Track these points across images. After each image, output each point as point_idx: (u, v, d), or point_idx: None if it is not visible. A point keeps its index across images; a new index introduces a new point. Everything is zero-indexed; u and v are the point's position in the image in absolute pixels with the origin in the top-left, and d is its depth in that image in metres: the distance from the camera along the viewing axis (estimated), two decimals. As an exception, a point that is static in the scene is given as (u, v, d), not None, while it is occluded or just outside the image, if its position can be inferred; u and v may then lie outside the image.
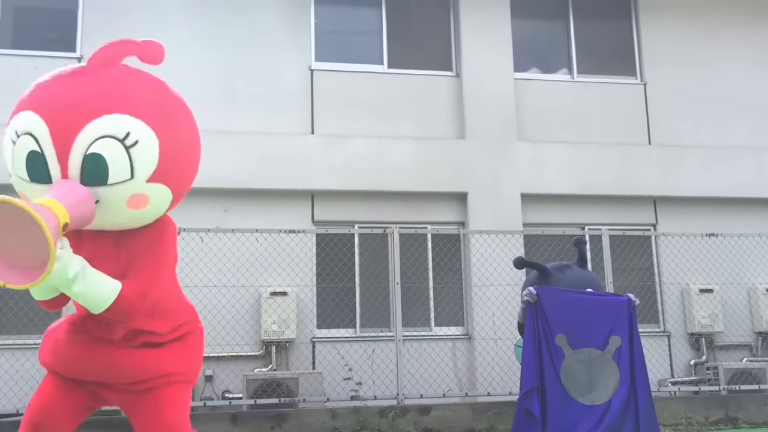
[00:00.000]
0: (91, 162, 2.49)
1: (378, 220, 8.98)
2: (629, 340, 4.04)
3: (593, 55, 10.40)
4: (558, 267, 4.30)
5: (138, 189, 2.58)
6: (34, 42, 8.92)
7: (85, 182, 2.50)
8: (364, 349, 8.38)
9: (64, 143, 2.49)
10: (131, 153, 2.52)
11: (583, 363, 3.93)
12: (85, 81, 2.60)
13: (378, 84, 9.53)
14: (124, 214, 2.63)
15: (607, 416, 3.90)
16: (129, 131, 2.52)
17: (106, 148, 2.49)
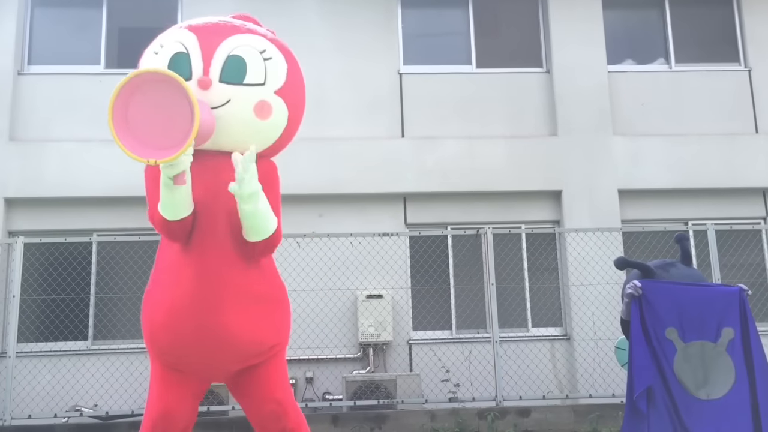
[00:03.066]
0: (234, 62, 2.85)
1: (471, 221, 8.94)
2: (742, 332, 3.85)
3: (692, 43, 9.97)
4: (661, 265, 4.15)
5: (266, 96, 2.89)
6: (137, 60, 9.37)
7: (224, 79, 2.82)
8: (460, 350, 8.35)
9: (210, 46, 2.85)
10: (266, 64, 2.92)
11: (696, 356, 3.77)
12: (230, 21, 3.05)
13: (467, 84, 9.49)
14: (248, 120, 2.87)
15: (725, 411, 3.73)
16: (266, 48, 2.96)
17: (248, 53, 2.88)
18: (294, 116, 3.03)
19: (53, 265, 8.23)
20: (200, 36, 2.88)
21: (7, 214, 8.62)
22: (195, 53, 2.84)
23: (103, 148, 8.71)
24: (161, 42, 2.95)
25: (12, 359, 7.16)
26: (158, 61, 2.87)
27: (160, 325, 2.87)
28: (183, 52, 2.85)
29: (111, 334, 8.37)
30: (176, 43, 2.89)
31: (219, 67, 2.83)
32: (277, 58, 2.96)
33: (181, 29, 2.96)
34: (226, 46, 2.87)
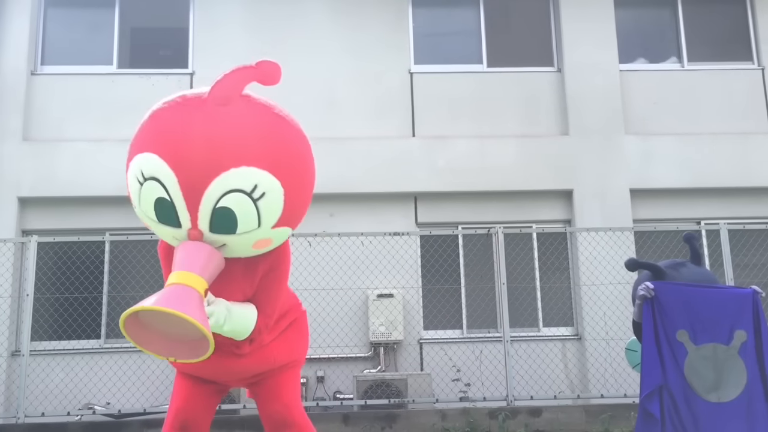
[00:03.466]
0: (221, 215, 2.55)
1: (482, 220, 8.93)
2: (755, 335, 3.82)
3: (705, 42, 9.91)
4: (672, 265, 4.12)
5: (264, 235, 2.69)
6: (149, 60, 9.45)
7: (214, 231, 2.59)
8: (471, 350, 8.34)
9: (193, 196, 2.53)
10: (258, 205, 2.57)
11: (708, 359, 3.75)
12: (208, 125, 2.54)
13: (478, 83, 9.47)
14: (247, 253, 2.78)
15: (736, 414, 3.70)
16: (256, 184, 2.54)
17: (236, 202, 2.53)
18: (298, 221, 2.84)
19: (66, 264, 8.29)
20: (180, 178, 2.51)
21: (21, 213, 8.69)
22: (179, 202, 2.54)
23: (116, 147, 8.76)
24: (141, 167, 2.59)
25: (26, 357, 7.22)
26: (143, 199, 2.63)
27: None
28: (165, 199, 2.55)
29: (123, 332, 8.41)
30: (155, 182, 2.55)
31: (207, 220, 2.56)
32: (270, 189, 2.57)
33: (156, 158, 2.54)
34: (211, 195, 2.52)
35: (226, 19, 9.30)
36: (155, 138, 2.60)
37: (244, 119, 2.59)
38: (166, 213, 2.59)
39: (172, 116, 2.61)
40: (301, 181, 2.74)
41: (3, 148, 8.70)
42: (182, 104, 2.63)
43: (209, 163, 2.50)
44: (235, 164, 2.51)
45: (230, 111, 2.57)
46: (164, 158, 2.53)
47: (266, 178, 2.55)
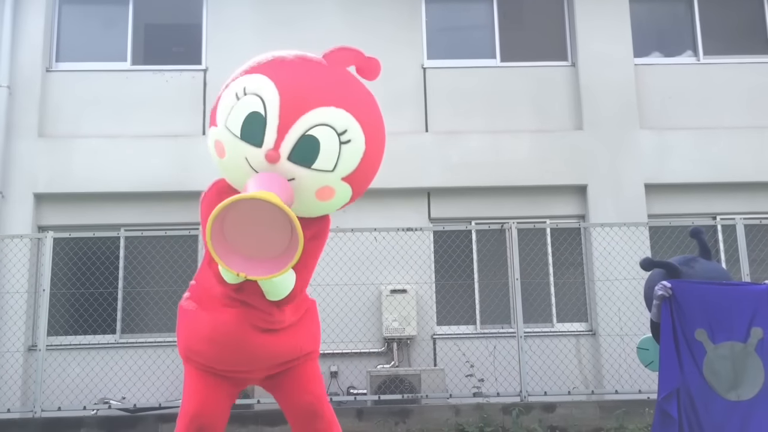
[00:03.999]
0: (307, 143, 2.62)
1: (495, 215, 8.90)
2: None
3: (721, 35, 9.82)
4: (684, 261, 4.10)
5: (332, 182, 2.73)
6: (163, 57, 9.48)
7: (292, 158, 2.63)
8: (485, 345, 8.33)
9: (289, 116, 2.61)
10: (342, 148, 2.68)
11: (726, 357, 3.72)
12: (322, 70, 2.78)
13: (491, 78, 9.44)
14: (307, 202, 2.77)
15: (755, 411, 3.68)
16: (347, 128, 2.68)
17: (324, 135, 2.63)
18: (360, 191, 2.91)
19: (82, 260, 8.36)
20: (283, 98, 2.62)
21: (37, 209, 8.76)
22: (272, 119, 2.61)
23: (131, 143, 8.83)
24: (245, 84, 2.70)
25: (42, 352, 7.29)
26: (234, 112, 2.68)
27: (202, 338, 2.93)
28: (260, 114, 2.62)
29: (139, 327, 8.48)
30: (256, 97, 2.65)
31: (291, 144, 2.61)
32: (356, 139, 2.70)
33: (266, 78, 2.68)
34: (306, 121, 2.61)
35: (239, 16, 9.32)
36: (267, 65, 2.76)
37: (349, 79, 2.87)
38: (253, 128, 2.64)
39: (295, 59, 2.81)
40: (380, 148, 2.91)
41: (19, 145, 8.77)
42: (305, 56, 2.85)
43: (315, 94, 2.67)
44: (338, 104, 2.68)
45: (338, 70, 2.83)
46: (273, 80, 2.67)
47: (357, 128, 2.71)
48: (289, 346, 3.00)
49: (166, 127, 8.94)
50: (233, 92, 2.71)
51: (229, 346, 2.88)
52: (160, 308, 8.49)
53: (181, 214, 8.76)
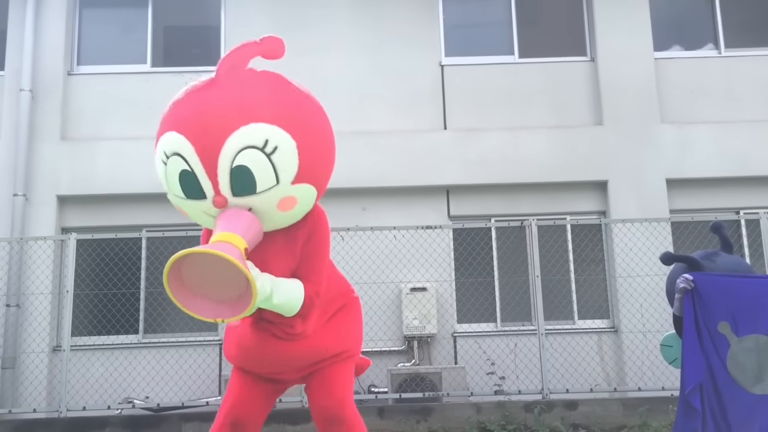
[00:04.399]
0: (239, 174, 2.61)
1: (515, 212, 8.86)
2: None
3: (742, 27, 9.69)
4: (706, 256, 4.06)
5: (285, 192, 2.71)
6: (182, 59, 9.55)
7: (236, 193, 2.65)
8: (506, 343, 8.30)
9: (210, 160, 2.60)
10: (273, 159, 2.63)
11: (751, 351, 3.68)
12: (217, 94, 2.69)
13: (509, 75, 9.39)
14: (276, 218, 2.78)
15: None
16: (267, 139, 2.62)
17: (250, 158, 2.60)
18: (322, 180, 2.88)
19: (104, 261, 8.45)
20: (196, 145, 2.61)
21: (60, 211, 8.86)
22: (199, 170, 2.62)
23: (152, 145, 8.88)
24: (164, 147, 2.73)
25: (66, 353, 7.38)
26: (169, 178, 2.74)
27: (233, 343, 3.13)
28: (188, 171, 2.64)
29: (161, 327, 8.55)
30: (176, 156, 2.66)
31: (227, 183, 2.63)
32: (282, 143, 2.64)
33: (174, 134, 2.68)
34: (226, 154, 2.59)
35: (257, 18, 9.35)
36: (172, 119, 2.74)
37: (250, 83, 2.73)
38: (190, 186, 2.67)
39: (186, 97, 2.76)
40: (314, 136, 2.78)
41: (42, 148, 8.88)
42: (195, 86, 2.77)
43: (219, 124, 2.60)
44: (243, 122, 2.61)
45: (237, 78, 2.71)
46: (181, 132, 2.66)
47: (276, 131, 2.63)
48: (309, 349, 3.02)
49: (185, 129, 8.99)
50: (159, 159, 2.77)
51: (252, 351, 3.02)
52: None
53: (202, 215, 8.84)
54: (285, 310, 2.81)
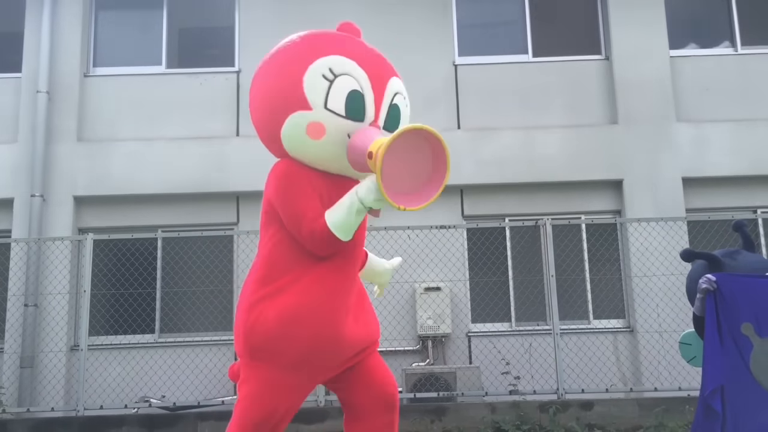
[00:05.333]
0: (393, 112, 2.94)
1: (529, 212, 8.84)
2: None
3: (759, 25, 9.61)
4: (727, 254, 4.00)
5: None
6: (197, 60, 9.61)
7: (385, 127, 2.89)
8: (520, 343, 8.28)
9: (379, 91, 2.88)
10: (406, 111, 3.04)
11: None
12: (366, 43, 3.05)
13: (523, 74, 9.37)
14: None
15: None
16: (406, 93, 3.07)
17: (401, 102, 3.00)
18: None
19: (121, 261, 8.52)
20: (371, 75, 2.86)
21: (77, 211, 8.95)
22: (368, 96, 2.84)
23: (167, 146, 8.96)
24: (329, 65, 2.82)
25: (84, 352, 7.44)
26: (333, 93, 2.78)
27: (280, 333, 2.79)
28: (358, 92, 2.82)
29: (177, 327, 8.61)
30: (349, 77, 2.82)
31: (384, 115, 2.90)
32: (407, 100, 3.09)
33: (346, 59, 2.85)
34: (389, 92, 2.92)
35: (270, 18, 9.38)
36: (333, 46, 2.91)
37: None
38: (355, 106, 2.82)
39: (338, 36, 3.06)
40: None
41: (59, 149, 8.96)
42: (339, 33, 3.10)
43: (387, 65, 3.00)
44: (396, 73, 3.04)
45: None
46: (352, 58, 2.87)
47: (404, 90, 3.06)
48: (367, 333, 3.02)
49: (200, 129, 9.06)
50: (318, 74, 2.80)
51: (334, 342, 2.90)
52: (197, 308, 8.61)
53: (217, 215, 8.89)
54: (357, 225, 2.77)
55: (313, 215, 2.74)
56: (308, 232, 2.73)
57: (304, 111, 2.79)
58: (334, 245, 2.76)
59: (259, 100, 2.98)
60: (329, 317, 2.80)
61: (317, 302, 2.79)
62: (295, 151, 2.88)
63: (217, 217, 8.87)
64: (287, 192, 2.81)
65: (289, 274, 2.81)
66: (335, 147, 2.82)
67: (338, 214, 2.71)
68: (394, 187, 2.57)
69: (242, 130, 9.04)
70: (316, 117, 2.78)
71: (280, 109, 2.83)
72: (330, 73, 2.80)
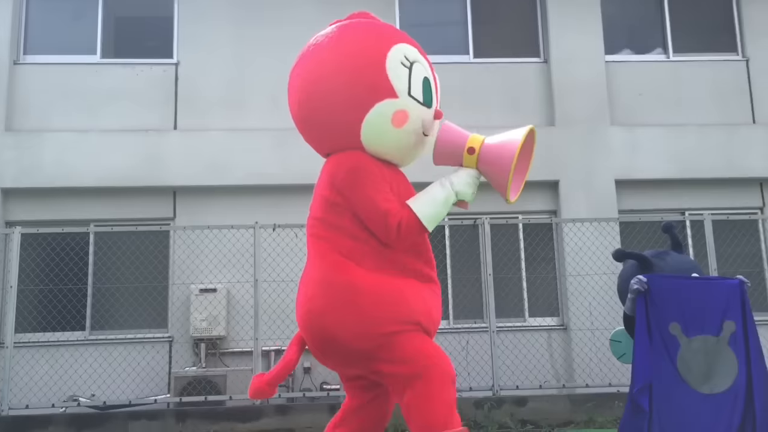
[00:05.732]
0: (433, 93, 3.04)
1: (468, 211, 8.91)
2: (743, 325, 3.83)
3: (690, 32, 9.95)
4: (657, 255, 4.14)
5: None
6: (133, 50, 9.36)
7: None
8: (458, 340, 8.37)
9: (435, 77, 3.00)
10: None
11: (699, 351, 3.76)
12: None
13: (464, 74, 9.45)
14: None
15: (729, 404, 3.72)
16: None
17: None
18: None
19: (50, 256, 8.23)
20: (429, 63, 2.99)
21: (4, 204, 8.61)
22: (432, 85, 2.95)
23: (101, 138, 8.70)
24: (404, 52, 2.88)
25: (10, 349, 7.17)
26: (414, 80, 2.86)
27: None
28: (428, 79, 2.91)
29: (108, 324, 8.38)
30: (420, 65, 2.90)
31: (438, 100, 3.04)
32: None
33: (414, 48, 2.96)
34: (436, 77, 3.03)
35: (210, 10, 9.22)
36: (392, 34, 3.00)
37: None
38: (429, 93, 2.91)
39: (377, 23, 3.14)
40: None
41: (-15, 139, 8.60)
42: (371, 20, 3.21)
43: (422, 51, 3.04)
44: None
45: None
46: (415, 46, 2.97)
47: None
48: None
49: (136, 122, 8.83)
50: (397, 62, 2.81)
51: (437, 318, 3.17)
52: (130, 304, 8.40)
53: (152, 210, 8.68)
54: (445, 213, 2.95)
55: (395, 207, 2.76)
56: (395, 224, 2.73)
57: (391, 99, 2.79)
58: (419, 236, 2.86)
59: (324, 92, 2.88)
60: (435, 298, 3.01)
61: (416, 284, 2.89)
62: (374, 140, 2.83)
63: (153, 212, 8.67)
64: (365, 186, 2.76)
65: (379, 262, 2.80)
66: (412, 135, 2.88)
67: (431, 207, 2.83)
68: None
69: (180, 123, 8.86)
70: (401, 105, 2.81)
71: (363, 98, 2.79)
72: (406, 60, 2.84)
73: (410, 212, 2.76)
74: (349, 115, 2.80)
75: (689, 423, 3.71)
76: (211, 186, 8.65)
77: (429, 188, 2.85)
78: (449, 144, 2.84)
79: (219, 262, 8.23)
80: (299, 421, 6.94)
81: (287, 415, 7.01)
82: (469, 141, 2.84)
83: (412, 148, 2.94)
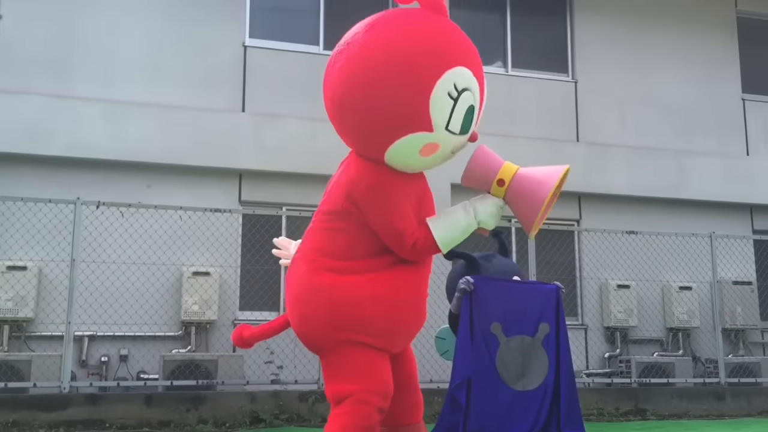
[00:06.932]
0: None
1: (307, 203, 8.84)
2: (556, 327, 4.10)
3: (528, 50, 10.53)
4: (484, 257, 4.34)
5: None
6: None
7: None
8: (286, 333, 8.22)
9: (481, 99, 2.86)
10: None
11: (516, 350, 3.97)
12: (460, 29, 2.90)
13: (313, 65, 9.28)
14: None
15: (537, 401, 3.96)
16: None
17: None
18: None
19: None
20: (480, 84, 2.82)
21: None
22: (477, 108, 2.83)
23: None
24: (455, 81, 2.68)
25: None
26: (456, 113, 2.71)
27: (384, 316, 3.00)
28: (473, 107, 2.77)
29: None
30: (469, 92, 2.74)
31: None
32: None
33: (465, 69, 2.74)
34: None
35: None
36: (454, 51, 2.73)
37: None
38: (468, 122, 2.78)
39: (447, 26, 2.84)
40: None
41: None
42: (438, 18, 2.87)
43: (482, 67, 2.91)
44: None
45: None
46: (468, 66, 2.74)
47: None
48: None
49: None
50: (444, 93, 2.64)
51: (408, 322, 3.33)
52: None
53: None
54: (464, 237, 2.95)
55: (412, 227, 2.79)
56: (410, 243, 2.78)
57: (425, 132, 2.67)
58: (432, 254, 2.93)
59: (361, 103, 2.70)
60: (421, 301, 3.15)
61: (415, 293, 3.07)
62: (396, 162, 2.79)
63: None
64: (382, 204, 2.77)
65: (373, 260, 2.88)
66: (438, 160, 2.89)
67: (450, 231, 2.84)
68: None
69: (-3, 82, 8.05)
70: (434, 138, 2.72)
71: (396, 125, 2.65)
72: (455, 90, 2.67)
73: (427, 232, 2.82)
74: (378, 137, 2.74)
75: (502, 418, 3.90)
76: (29, 155, 7.94)
77: (452, 210, 2.94)
78: (481, 170, 2.94)
79: (32, 238, 7.57)
80: (111, 411, 6.54)
81: (98, 405, 6.57)
82: (500, 172, 2.92)
83: (435, 166, 2.99)
